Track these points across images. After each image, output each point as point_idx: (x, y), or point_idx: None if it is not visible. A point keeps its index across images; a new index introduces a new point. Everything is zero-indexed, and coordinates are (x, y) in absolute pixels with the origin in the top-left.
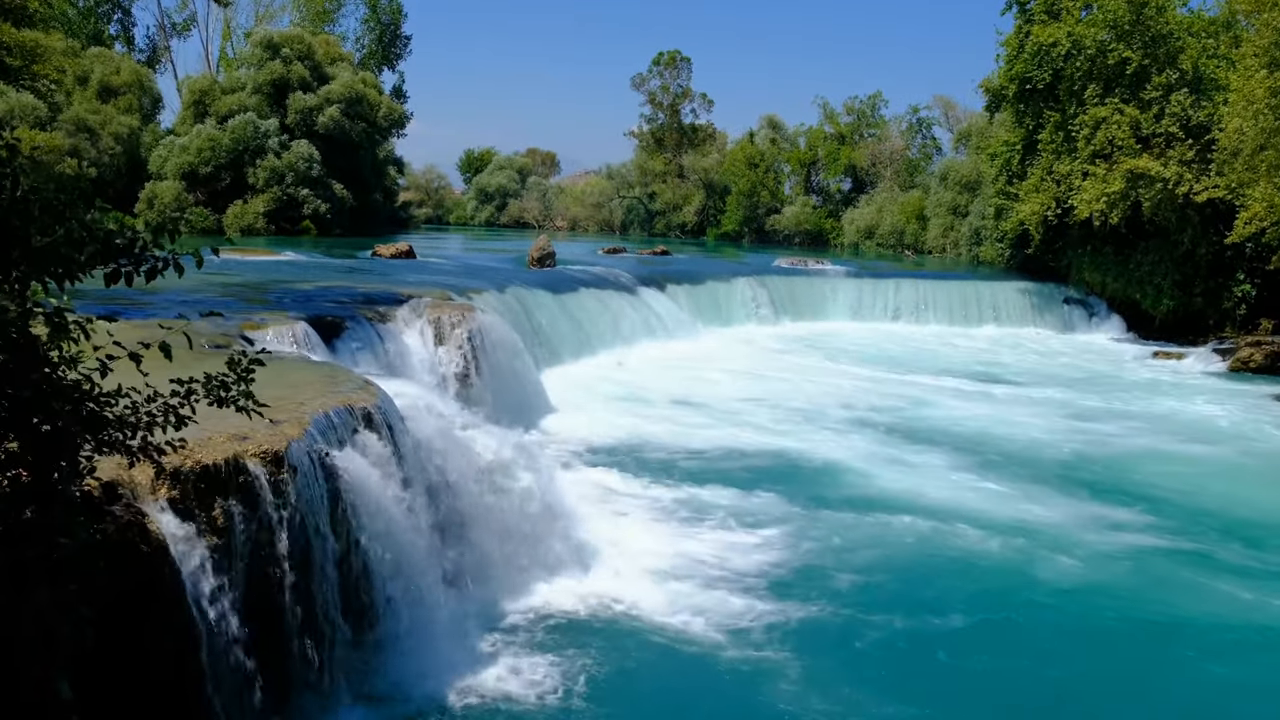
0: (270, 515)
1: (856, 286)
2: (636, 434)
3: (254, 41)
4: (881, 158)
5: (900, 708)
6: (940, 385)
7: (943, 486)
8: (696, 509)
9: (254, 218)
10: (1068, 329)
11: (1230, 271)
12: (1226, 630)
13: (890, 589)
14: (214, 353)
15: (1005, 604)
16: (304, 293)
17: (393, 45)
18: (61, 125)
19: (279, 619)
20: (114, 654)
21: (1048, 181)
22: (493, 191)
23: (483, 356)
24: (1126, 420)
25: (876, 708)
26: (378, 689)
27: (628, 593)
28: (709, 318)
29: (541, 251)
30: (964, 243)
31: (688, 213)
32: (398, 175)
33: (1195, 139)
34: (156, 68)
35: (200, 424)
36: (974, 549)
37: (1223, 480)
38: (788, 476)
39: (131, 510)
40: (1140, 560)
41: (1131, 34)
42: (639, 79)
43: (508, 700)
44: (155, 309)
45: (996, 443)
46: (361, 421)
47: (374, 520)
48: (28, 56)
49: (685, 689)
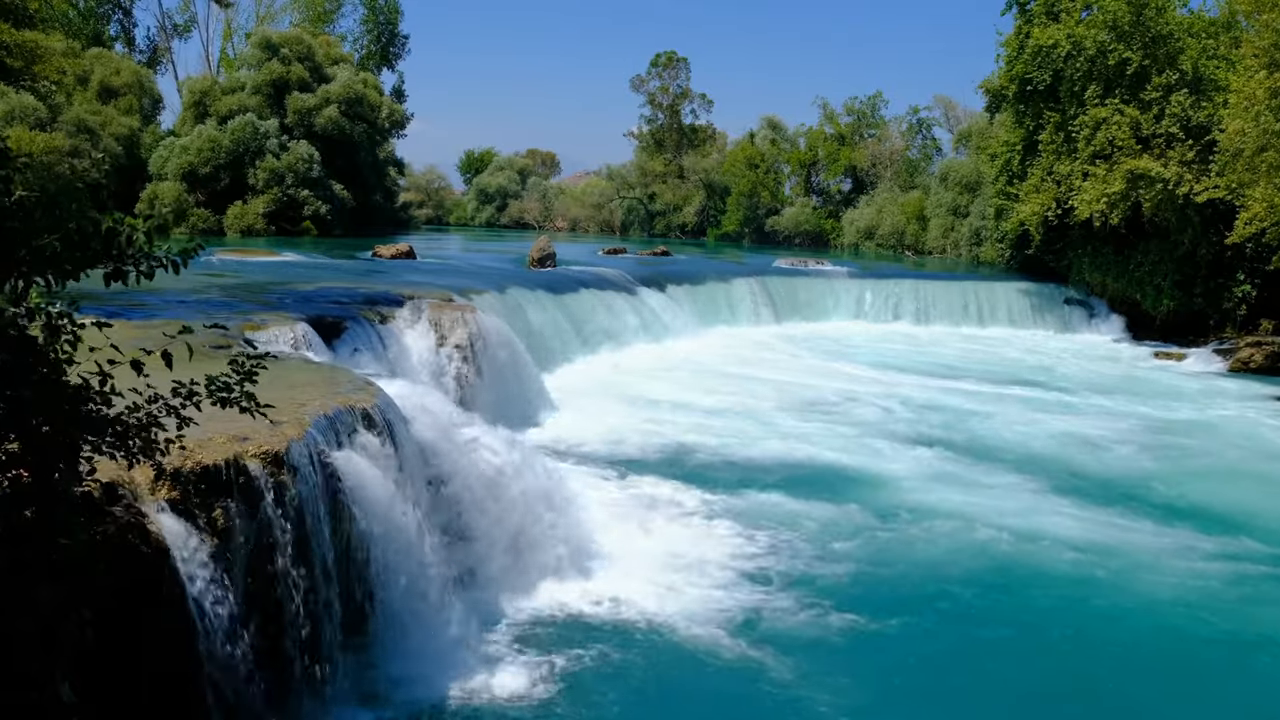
0: (270, 516)
1: (857, 287)
2: (638, 434)
3: (253, 42)
4: (882, 158)
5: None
6: (941, 384)
7: (938, 484)
8: (697, 508)
9: (254, 218)
10: (1068, 329)
11: (1230, 272)
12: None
13: (905, 591)
14: (215, 354)
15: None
16: (304, 293)
17: (391, 45)
18: (62, 126)
19: (279, 619)
20: (114, 654)
21: (1048, 182)
22: (493, 192)
23: (483, 357)
24: (1126, 417)
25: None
26: (377, 689)
27: (629, 592)
28: (709, 318)
29: (542, 252)
30: (964, 243)
31: (688, 213)
32: (398, 176)
33: (1195, 139)
34: (157, 69)
35: (200, 425)
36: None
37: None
38: (791, 476)
39: (131, 511)
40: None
41: (1131, 35)
42: (638, 80)
43: (508, 700)
44: (156, 309)
45: (992, 441)
46: (362, 422)
47: (374, 520)
48: (28, 57)
49: (686, 688)
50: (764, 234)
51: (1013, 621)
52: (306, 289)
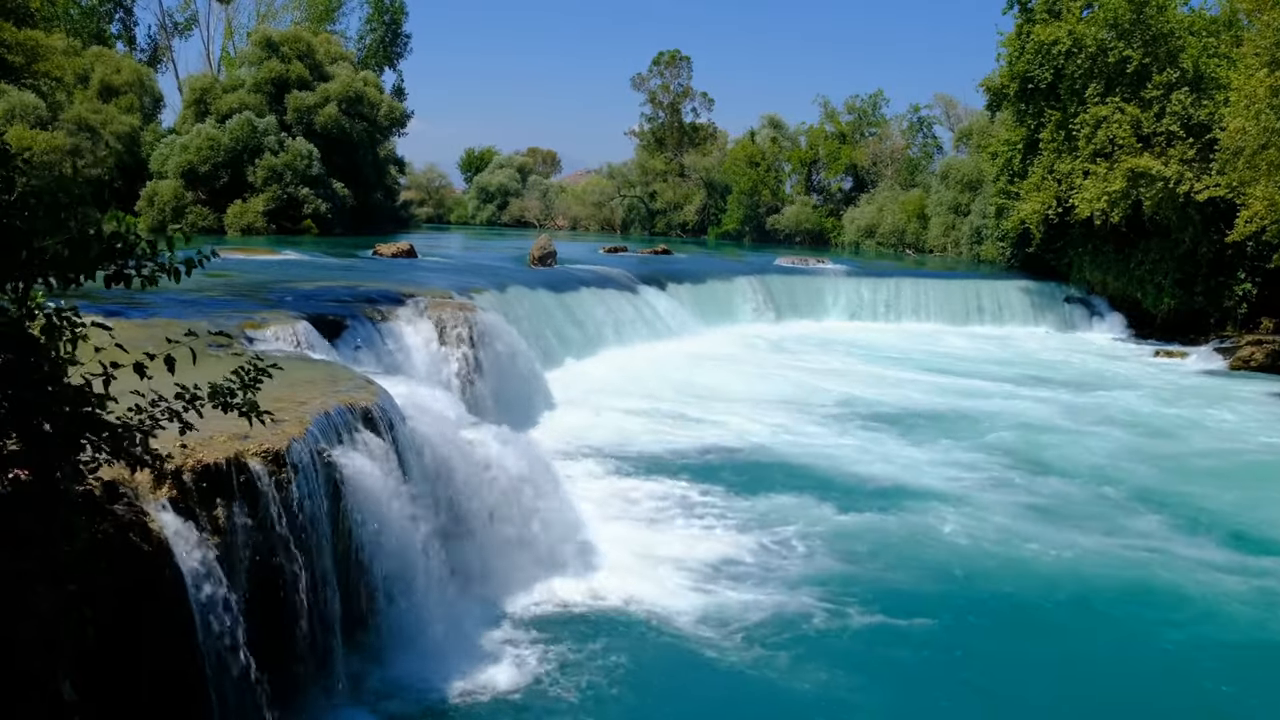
0: (271, 514)
1: (857, 286)
2: (638, 432)
3: (253, 40)
4: (882, 157)
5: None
6: (938, 382)
7: (923, 474)
8: (699, 507)
9: (254, 217)
10: (1069, 328)
11: (1231, 270)
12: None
13: (911, 591)
14: (216, 353)
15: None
16: (305, 292)
17: (393, 44)
18: (63, 125)
19: (280, 618)
20: (116, 653)
21: (1049, 180)
22: (494, 191)
23: (484, 355)
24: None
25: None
26: (379, 687)
27: (630, 590)
28: (710, 317)
29: (543, 250)
30: (965, 242)
31: (689, 212)
32: (399, 174)
33: (1196, 138)
34: (158, 67)
35: (202, 423)
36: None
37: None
38: (795, 474)
39: (133, 510)
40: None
41: (1132, 33)
42: (639, 79)
43: (509, 698)
44: (157, 309)
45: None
46: (362, 420)
47: (375, 519)
48: (29, 56)
49: (687, 687)
50: (765, 232)
51: (1016, 623)
52: (307, 287)
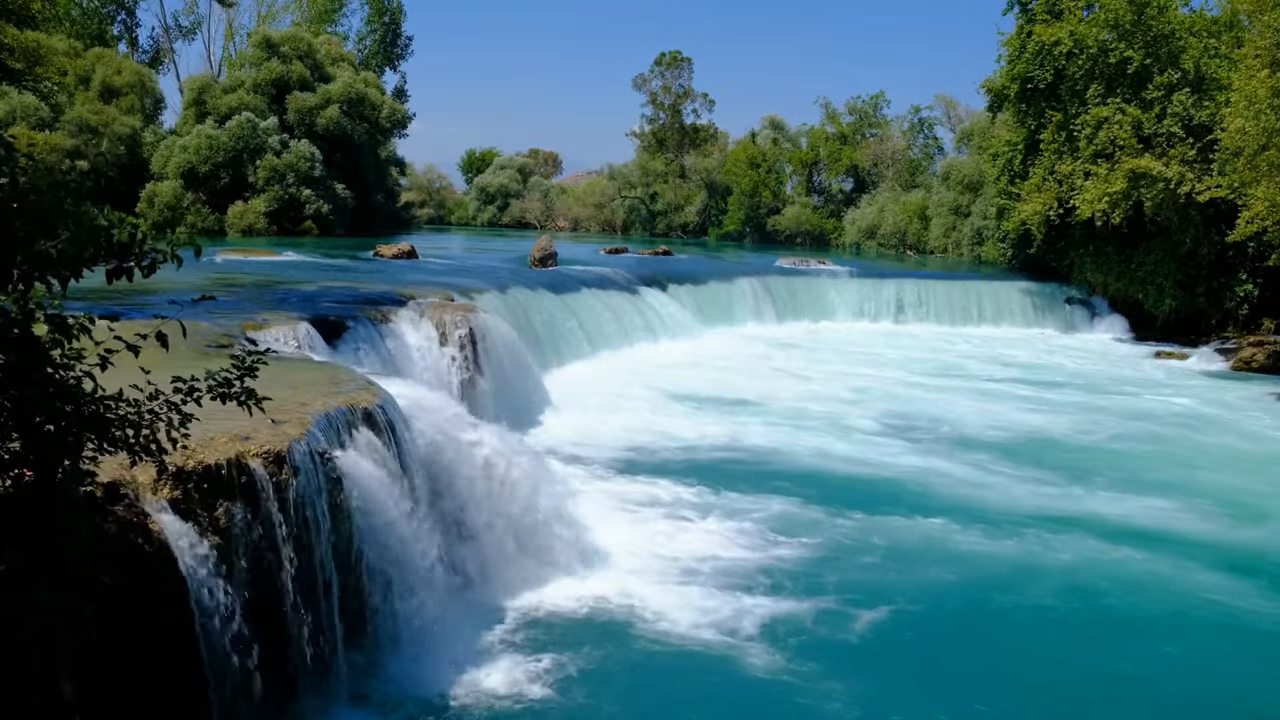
0: (272, 515)
1: (858, 286)
2: (639, 433)
3: (253, 41)
4: (883, 158)
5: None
6: (941, 383)
7: (928, 478)
8: (699, 508)
9: (255, 217)
10: (1070, 329)
11: (1232, 271)
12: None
13: (914, 591)
14: (216, 353)
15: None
16: (306, 293)
17: (394, 45)
18: (64, 126)
19: (280, 618)
20: (116, 653)
21: (1050, 181)
22: (494, 192)
23: (485, 357)
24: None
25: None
26: (378, 688)
27: (630, 592)
28: (711, 318)
29: (543, 252)
30: (966, 243)
31: (689, 213)
32: (399, 175)
33: (1197, 139)
34: (159, 68)
35: (202, 424)
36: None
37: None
38: (795, 475)
39: (133, 510)
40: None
41: (1133, 33)
42: (640, 79)
43: (509, 699)
44: (158, 308)
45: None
46: (363, 421)
47: (375, 520)
48: (30, 58)
49: (686, 688)
50: (765, 233)
51: (1019, 616)
52: (308, 288)
